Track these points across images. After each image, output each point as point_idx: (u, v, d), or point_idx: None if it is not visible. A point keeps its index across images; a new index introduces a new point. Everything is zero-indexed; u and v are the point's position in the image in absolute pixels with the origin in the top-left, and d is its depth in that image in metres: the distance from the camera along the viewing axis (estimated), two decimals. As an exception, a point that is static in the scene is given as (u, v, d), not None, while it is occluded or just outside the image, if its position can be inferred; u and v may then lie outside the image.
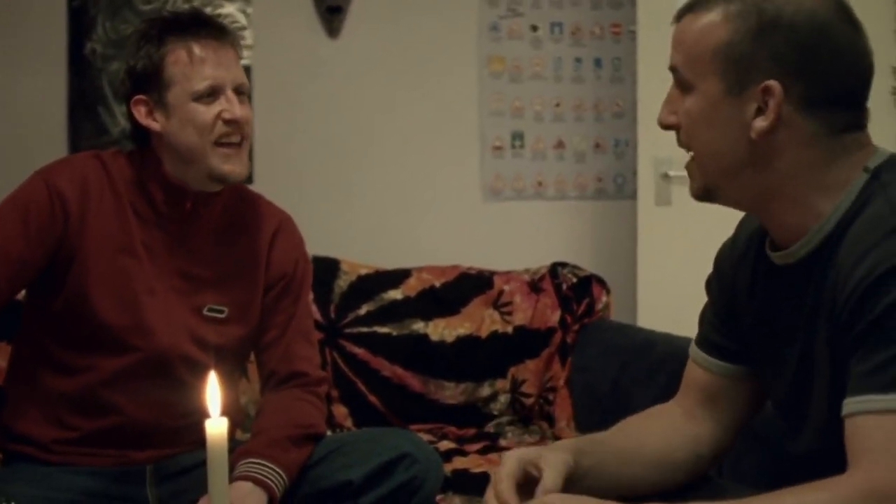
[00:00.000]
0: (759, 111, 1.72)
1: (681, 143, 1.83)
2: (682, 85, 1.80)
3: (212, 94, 2.48)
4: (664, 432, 2.03)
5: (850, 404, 1.60)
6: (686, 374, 2.09)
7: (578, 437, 2.18)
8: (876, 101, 1.73)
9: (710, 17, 1.75)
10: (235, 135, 2.50)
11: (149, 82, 2.50)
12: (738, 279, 1.97)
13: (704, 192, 1.83)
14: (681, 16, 1.81)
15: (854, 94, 1.75)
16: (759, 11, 1.71)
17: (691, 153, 1.83)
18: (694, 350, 2.07)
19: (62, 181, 2.48)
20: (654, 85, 1.87)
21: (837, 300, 1.66)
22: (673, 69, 1.81)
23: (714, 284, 2.05)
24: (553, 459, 1.80)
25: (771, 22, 1.70)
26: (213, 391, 1.83)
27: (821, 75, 1.71)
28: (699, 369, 2.05)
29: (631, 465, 1.97)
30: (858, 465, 1.57)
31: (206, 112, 2.47)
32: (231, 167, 2.50)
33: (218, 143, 2.48)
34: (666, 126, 1.84)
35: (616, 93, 4.72)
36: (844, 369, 1.65)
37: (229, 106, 2.48)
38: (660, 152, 4.25)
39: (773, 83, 1.70)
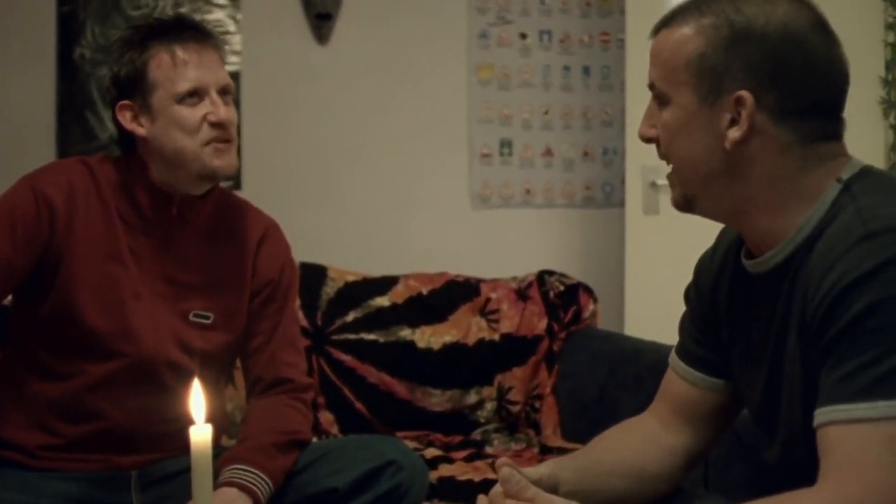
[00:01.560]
0: (733, 121, 1.73)
1: (661, 156, 1.85)
2: (659, 98, 1.81)
3: (195, 95, 2.48)
4: (642, 445, 2.05)
5: (820, 414, 1.60)
6: (664, 383, 2.10)
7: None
8: (864, 111, 1.75)
9: (684, 31, 1.76)
10: (223, 137, 2.50)
11: (133, 87, 2.50)
12: (716, 289, 1.98)
13: (684, 202, 1.84)
14: (657, 31, 1.82)
15: (828, 104, 1.76)
16: (731, 23, 1.72)
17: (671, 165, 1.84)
18: (674, 359, 2.08)
19: (49, 186, 2.48)
20: (642, 94, 1.88)
21: (807, 310, 1.66)
22: (650, 84, 1.83)
23: (693, 294, 2.06)
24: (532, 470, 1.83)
25: (743, 33, 1.72)
26: (197, 398, 1.83)
27: (793, 85, 1.72)
28: (678, 379, 2.05)
29: (611, 477, 1.99)
30: (828, 477, 1.57)
31: (191, 114, 2.48)
32: (221, 162, 2.49)
33: (206, 144, 2.48)
34: (646, 139, 1.85)
35: (604, 101, 4.73)
36: (815, 379, 1.65)
37: (214, 108, 2.49)
38: (648, 161, 4.25)
39: (744, 93, 1.70)
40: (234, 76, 4.24)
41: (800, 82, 1.72)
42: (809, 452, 1.64)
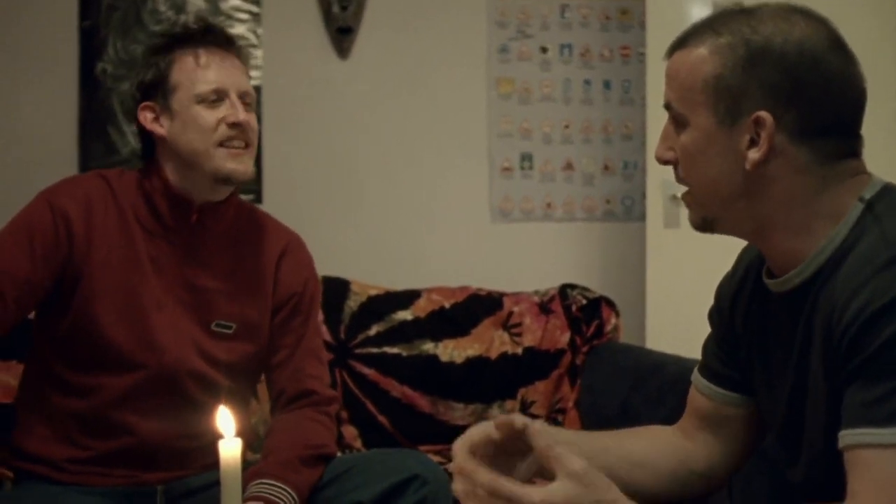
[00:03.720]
0: (752, 142, 1.71)
1: (679, 179, 1.84)
2: (677, 120, 1.80)
3: (216, 98, 2.51)
4: (652, 439, 2.06)
5: (848, 436, 1.59)
6: (689, 401, 2.10)
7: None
8: (881, 126, 1.74)
9: (700, 52, 1.75)
10: (239, 139, 2.51)
11: (155, 89, 2.54)
12: (735, 309, 1.97)
13: (703, 223, 1.83)
14: (672, 52, 1.81)
15: (846, 122, 1.75)
16: (748, 43, 1.71)
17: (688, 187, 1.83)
18: (696, 377, 2.07)
19: (66, 201, 2.49)
20: (662, 108, 1.87)
21: (833, 334, 1.65)
22: (667, 105, 1.82)
23: (715, 315, 2.05)
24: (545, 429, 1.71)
25: (760, 52, 1.70)
26: (225, 412, 1.83)
27: (812, 104, 1.70)
28: (700, 396, 2.05)
29: (622, 463, 1.96)
30: (856, 497, 1.57)
31: (210, 115, 2.50)
32: (235, 165, 2.51)
33: (221, 145, 2.49)
34: (663, 161, 1.84)
35: (625, 115, 4.73)
36: (839, 400, 1.65)
37: (233, 111, 2.51)
38: (668, 175, 4.17)
39: (764, 114, 1.69)
40: (256, 90, 4.23)
41: (818, 101, 1.71)
42: (832, 472, 1.64)
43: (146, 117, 2.55)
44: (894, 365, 1.56)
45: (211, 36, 2.57)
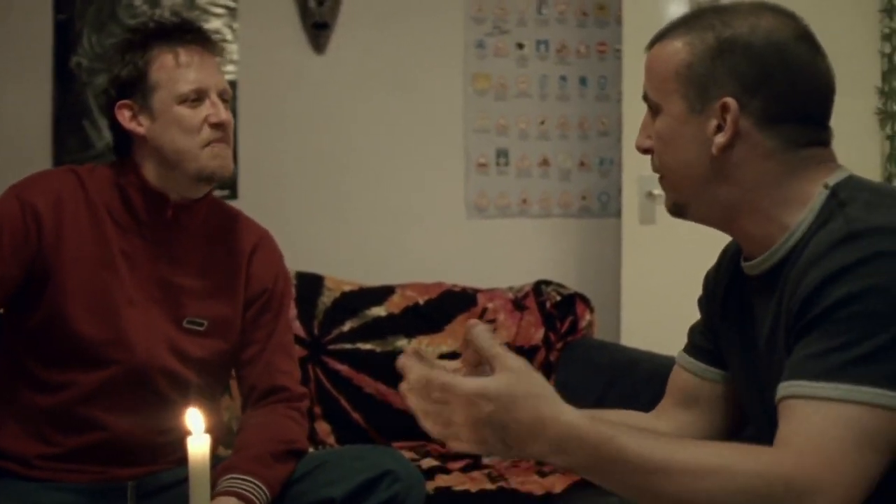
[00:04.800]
0: (719, 128, 1.78)
1: (654, 167, 1.90)
2: (652, 109, 1.87)
3: (197, 97, 2.51)
4: (623, 415, 2.07)
5: (784, 388, 1.62)
6: (669, 381, 2.13)
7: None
8: (861, 121, 1.76)
9: (674, 44, 1.82)
10: (221, 139, 2.52)
11: (133, 87, 2.52)
12: (715, 290, 2.02)
13: (675, 208, 1.89)
14: (651, 45, 1.89)
15: (811, 112, 1.81)
16: (718, 34, 1.79)
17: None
18: (680, 355, 2.11)
19: (35, 196, 2.48)
20: (639, 104, 1.91)
21: (791, 310, 1.69)
22: (644, 96, 1.89)
23: (704, 302, 2.09)
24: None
25: (728, 42, 1.78)
26: (194, 409, 1.83)
27: (777, 92, 1.77)
28: (682, 371, 2.09)
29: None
30: (787, 444, 1.58)
31: (193, 115, 2.50)
32: (219, 164, 2.52)
33: (206, 145, 2.50)
34: (643, 150, 1.91)
35: (601, 111, 4.73)
36: None
37: (215, 110, 2.51)
38: (644, 171, 4.18)
39: (729, 100, 1.76)
40: (231, 85, 4.21)
41: (783, 90, 1.77)
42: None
43: (124, 115, 2.53)
44: (838, 324, 1.60)
45: (189, 35, 2.56)
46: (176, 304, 2.57)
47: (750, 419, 1.99)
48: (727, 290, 1.98)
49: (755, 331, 1.87)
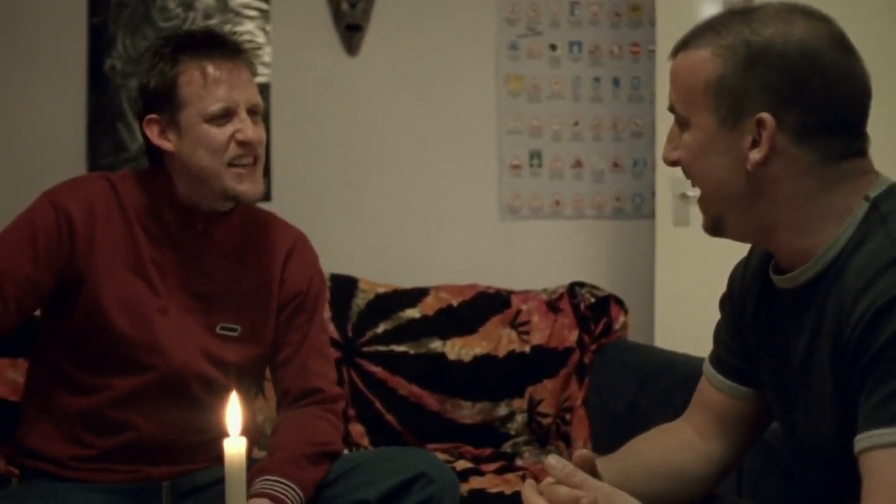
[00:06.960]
0: (754, 143, 1.72)
1: (688, 178, 1.85)
2: (680, 121, 1.82)
3: (225, 115, 2.47)
4: (680, 449, 2.06)
5: (862, 440, 1.59)
6: (698, 392, 2.11)
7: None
8: (889, 122, 1.73)
9: (701, 54, 1.76)
10: (248, 156, 2.49)
11: (161, 102, 2.49)
12: (746, 300, 1.98)
13: (712, 226, 1.85)
14: (675, 53, 1.83)
15: (850, 120, 1.75)
16: (748, 44, 1.72)
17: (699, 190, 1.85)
18: (707, 368, 2.08)
19: (69, 202, 2.48)
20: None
21: (842, 333, 1.66)
22: (671, 107, 1.83)
23: (727, 303, 2.06)
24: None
25: (760, 54, 1.71)
26: (233, 410, 1.83)
27: (814, 104, 1.71)
28: (712, 389, 2.06)
29: (650, 479, 1.99)
30: (870, 499, 1.56)
31: (220, 133, 2.47)
32: (245, 187, 2.49)
33: (231, 164, 2.48)
34: (670, 162, 1.86)
35: (634, 112, 4.72)
36: (848, 400, 1.65)
37: (242, 127, 2.48)
38: (678, 172, 4.21)
39: (765, 115, 1.70)
40: (264, 88, 4.25)
41: (820, 101, 1.71)
42: (840, 471, 1.64)
43: (153, 131, 2.51)
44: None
45: (219, 49, 2.52)
46: (208, 311, 2.57)
47: (779, 425, 1.98)
48: (758, 302, 1.94)
49: (788, 347, 1.84)
